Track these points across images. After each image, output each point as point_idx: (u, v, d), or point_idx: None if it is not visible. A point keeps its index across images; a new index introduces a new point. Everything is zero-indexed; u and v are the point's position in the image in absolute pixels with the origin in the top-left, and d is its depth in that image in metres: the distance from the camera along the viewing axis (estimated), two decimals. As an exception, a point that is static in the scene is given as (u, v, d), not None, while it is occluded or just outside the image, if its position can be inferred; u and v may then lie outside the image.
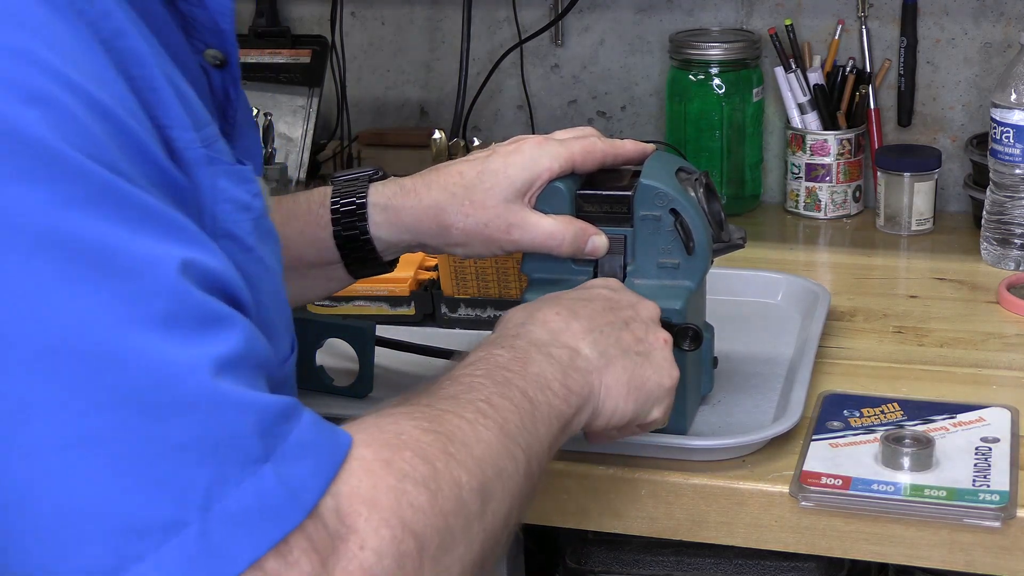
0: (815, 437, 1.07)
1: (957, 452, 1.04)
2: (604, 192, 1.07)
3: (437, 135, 1.61)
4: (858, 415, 1.10)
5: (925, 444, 1.03)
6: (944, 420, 1.09)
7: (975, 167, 1.60)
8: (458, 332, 1.33)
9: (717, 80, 1.66)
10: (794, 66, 1.66)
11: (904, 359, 1.25)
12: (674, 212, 1.05)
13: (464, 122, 1.81)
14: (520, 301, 0.99)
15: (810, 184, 1.67)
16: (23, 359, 0.60)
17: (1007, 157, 1.45)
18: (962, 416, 1.09)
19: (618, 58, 1.80)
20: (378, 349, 1.20)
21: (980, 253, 1.51)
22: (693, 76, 1.67)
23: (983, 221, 1.51)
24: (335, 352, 1.22)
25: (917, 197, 1.59)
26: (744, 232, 1.10)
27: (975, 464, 1.02)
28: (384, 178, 1.09)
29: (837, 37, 1.68)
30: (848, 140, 1.65)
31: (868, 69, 1.68)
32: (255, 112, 1.75)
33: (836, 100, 1.67)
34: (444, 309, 1.34)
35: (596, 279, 1.01)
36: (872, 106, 1.69)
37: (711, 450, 1.05)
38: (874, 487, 1.00)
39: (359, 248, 1.07)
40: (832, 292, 1.35)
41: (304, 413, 0.67)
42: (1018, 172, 1.45)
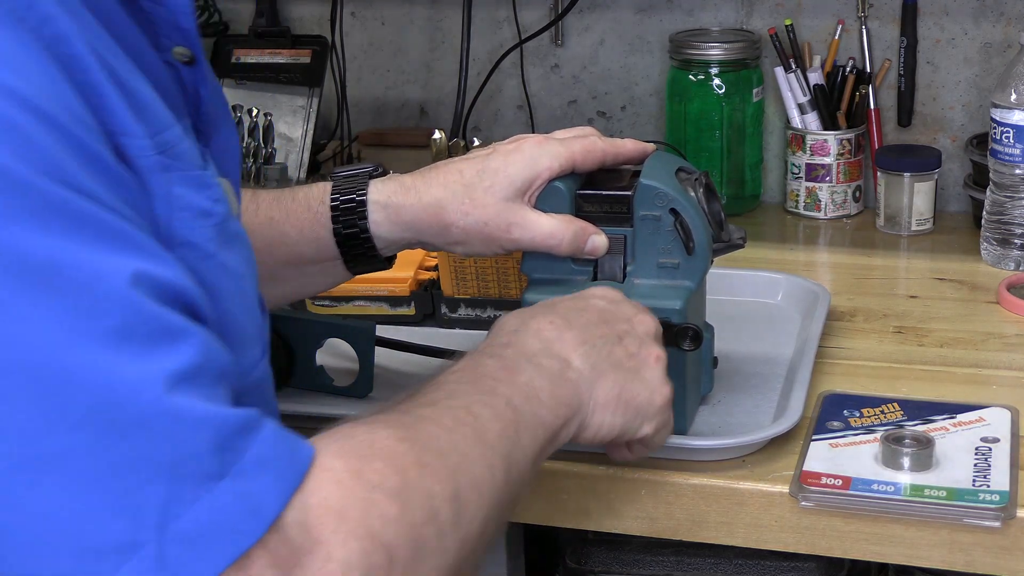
0: (815, 437, 1.07)
1: (957, 452, 1.04)
2: (604, 192, 1.07)
3: (437, 135, 1.61)
4: (858, 415, 1.10)
5: (925, 444, 1.03)
6: (944, 420, 1.09)
7: (975, 167, 1.60)
8: (458, 332, 1.33)
9: (717, 80, 1.66)
10: (794, 66, 1.66)
11: (904, 359, 1.25)
12: (674, 212, 1.05)
13: (464, 122, 1.81)
14: (520, 301, 0.99)
15: (810, 184, 1.67)
16: None
17: (1007, 157, 1.45)
18: (962, 416, 1.09)
19: (618, 58, 1.80)
20: (378, 349, 1.20)
21: (980, 253, 1.51)
22: (693, 76, 1.67)
23: (983, 221, 1.50)
24: (335, 352, 1.22)
25: (917, 197, 1.59)
26: (744, 232, 1.09)
27: (975, 464, 1.02)
28: (383, 174, 1.09)
29: (837, 37, 1.67)
30: (848, 140, 1.65)
31: (868, 69, 1.68)
32: (255, 112, 1.76)
33: (836, 100, 1.67)
34: (444, 309, 1.34)
35: (596, 288, 1.00)
36: (872, 106, 1.68)
37: (711, 450, 1.05)
38: (874, 487, 1.00)
39: (359, 245, 1.06)
40: (832, 292, 1.35)
41: (265, 425, 0.66)
42: (1018, 172, 1.45)
